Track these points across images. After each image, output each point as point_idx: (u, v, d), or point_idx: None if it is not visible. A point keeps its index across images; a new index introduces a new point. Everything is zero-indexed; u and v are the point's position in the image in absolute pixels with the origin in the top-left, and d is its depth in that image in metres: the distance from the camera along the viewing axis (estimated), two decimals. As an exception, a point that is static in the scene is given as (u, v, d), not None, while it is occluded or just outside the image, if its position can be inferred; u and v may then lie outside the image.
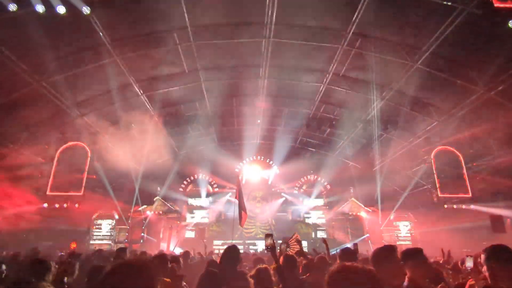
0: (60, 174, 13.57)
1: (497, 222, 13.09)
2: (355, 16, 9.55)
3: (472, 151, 13.45)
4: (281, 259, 3.98)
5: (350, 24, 9.99)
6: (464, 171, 13.51)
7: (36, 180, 13.65)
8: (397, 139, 15.83)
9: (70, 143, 13.85)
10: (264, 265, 3.58)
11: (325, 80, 13.18)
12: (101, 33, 9.68)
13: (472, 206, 14.70)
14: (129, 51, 10.78)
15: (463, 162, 13.62)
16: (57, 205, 13.80)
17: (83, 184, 13.63)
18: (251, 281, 3.10)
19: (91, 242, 16.78)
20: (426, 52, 10.21)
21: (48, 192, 13.26)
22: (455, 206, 14.90)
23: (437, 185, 14.02)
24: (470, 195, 13.42)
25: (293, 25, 10.50)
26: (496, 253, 2.44)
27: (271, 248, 3.06)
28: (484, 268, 2.46)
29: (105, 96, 12.76)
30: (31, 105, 11.22)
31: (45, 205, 13.59)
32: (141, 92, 13.11)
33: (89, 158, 13.93)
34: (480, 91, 10.75)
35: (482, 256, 2.52)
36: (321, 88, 13.78)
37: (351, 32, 10.26)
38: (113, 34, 10.07)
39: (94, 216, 17.46)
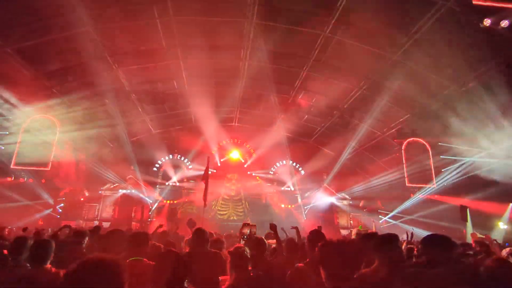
0: (27, 147, 12.91)
1: (463, 212, 13.90)
2: (339, 2, 9.50)
3: (440, 145, 14.06)
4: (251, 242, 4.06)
5: (334, 10, 9.94)
6: (431, 163, 14.13)
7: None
8: (372, 128, 16.27)
9: (38, 116, 13.14)
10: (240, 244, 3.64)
11: (305, 66, 13.18)
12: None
13: (436, 197, 15.64)
14: (105, 21, 10.20)
15: (431, 154, 14.23)
16: (24, 178, 13.24)
17: (51, 159, 13.05)
18: (226, 258, 3.17)
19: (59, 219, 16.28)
20: (405, 45, 10.39)
21: (12, 166, 12.62)
22: (420, 196, 15.82)
23: (406, 175, 14.62)
24: (435, 186, 14.12)
25: (277, 8, 10.31)
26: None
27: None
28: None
29: (77, 68, 12.10)
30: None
31: (9, 179, 12.97)
32: (116, 66, 12.54)
33: (58, 132, 13.28)
34: (452, 87, 11.16)
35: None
36: (301, 74, 13.78)
37: (334, 19, 10.23)
38: (89, 2, 9.46)
39: (62, 193, 16.88)
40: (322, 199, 19.72)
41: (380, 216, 19.20)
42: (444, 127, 13.25)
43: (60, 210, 16.45)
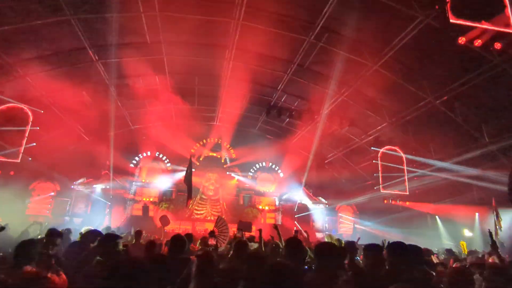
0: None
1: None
2: (325, 9, 9.68)
3: (414, 153, 14.59)
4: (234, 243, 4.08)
5: (319, 17, 10.13)
6: (405, 171, 14.64)
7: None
8: (350, 135, 16.67)
9: (9, 105, 12.52)
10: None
11: (289, 70, 13.33)
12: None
13: (408, 203, 16.26)
14: (86, 12, 9.90)
15: (405, 162, 14.73)
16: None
17: (21, 151, 12.48)
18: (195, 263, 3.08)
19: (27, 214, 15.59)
20: (386, 55, 10.73)
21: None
22: (392, 202, 16.43)
23: (380, 182, 15.06)
24: (407, 193, 14.63)
25: (264, 10, 10.37)
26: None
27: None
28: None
29: (55, 58, 11.65)
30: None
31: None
32: (96, 58, 12.19)
33: (30, 123, 12.71)
34: (428, 99, 11.63)
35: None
36: (284, 78, 13.92)
37: (319, 26, 10.42)
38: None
39: (31, 186, 16.19)
40: (299, 201, 19.95)
41: (355, 220, 19.69)
42: (419, 136, 13.81)
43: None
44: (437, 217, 16.36)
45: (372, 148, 15.42)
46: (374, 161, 15.38)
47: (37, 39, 10.55)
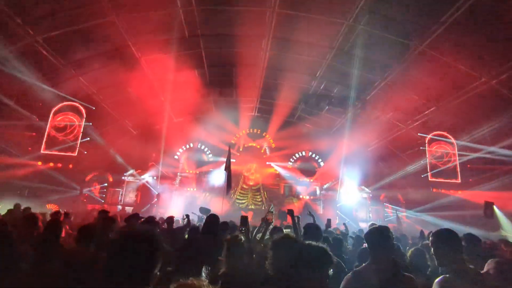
0: (55, 133, 13.51)
1: (488, 209, 13.40)
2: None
3: (466, 139, 13.53)
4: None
5: (358, -1, 9.66)
6: (457, 157, 13.66)
7: (30, 138, 13.61)
8: (395, 121, 15.85)
9: (65, 103, 13.67)
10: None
11: (328, 56, 12.92)
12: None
13: (460, 192, 15.15)
14: (128, 11, 10.38)
15: (456, 148, 13.74)
16: (51, 164, 13.88)
17: (78, 146, 13.62)
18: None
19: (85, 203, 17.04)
20: (433, 34, 9.96)
21: (42, 151, 13.25)
22: (442, 190, 15.37)
23: (428, 169, 14.23)
24: (459, 180, 13.67)
25: (299, -4, 10.12)
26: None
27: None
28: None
29: (102, 57, 12.42)
30: (25, 61, 10.90)
31: (39, 163, 13.63)
32: (139, 55, 12.79)
33: (83, 119, 13.80)
34: (482, 79, 10.65)
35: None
36: (323, 64, 13.54)
37: (358, 7, 9.93)
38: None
39: (87, 178, 17.60)
40: (341, 191, 19.53)
41: (400, 209, 18.85)
42: (472, 121, 12.74)
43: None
44: (494, 206, 15.06)
45: (419, 134, 14.56)
46: (421, 147, 14.54)
47: (86, 40, 11.29)
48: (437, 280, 2.42)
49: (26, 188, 14.05)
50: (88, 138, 14.48)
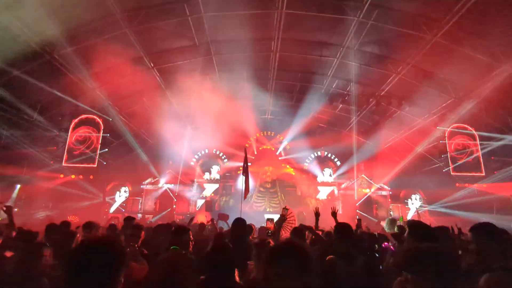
0: (75, 146, 13.90)
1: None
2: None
3: (488, 129, 13.09)
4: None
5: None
6: (479, 149, 13.21)
7: (52, 152, 14.06)
8: (411, 115, 15.50)
9: (83, 116, 14.06)
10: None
11: (338, 54, 12.80)
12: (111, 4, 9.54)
13: (484, 185, 14.59)
14: (139, 23, 10.62)
15: (478, 140, 13.29)
16: (72, 176, 14.27)
17: (97, 156, 13.96)
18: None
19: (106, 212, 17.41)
20: (446, 24, 9.71)
21: (63, 163, 13.64)
22: (466, 185, 14.82)
23: (450, 163, 13.81)
24: (483, 174, 13.20)
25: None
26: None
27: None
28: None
29: (117, 69, 12.73)
30: (44, 77, 11.29)
31: (61, 176, 14.04)
32: (152, 65, 13.03)
33: (101, 131, 14.15)
34: (502, 67, 10.29)
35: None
36: (334, 63, 13.42)
37: (367, 3, 9.81)
38: (123, 5, 9.90)
39: (108, 188, 17.98)
40: (359, 190, 19.21)
41: (422, 205, 18.35)
42: (493, 111, 12.31)
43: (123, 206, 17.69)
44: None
45: (438, 127, 14.17)
46: (441, 141, 14.14)
47: (101, 54, 11.57)
48: (485, 277, 2.15)
49: (50, 201, 14.53)
50: (107, 149, 14.83)
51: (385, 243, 5.02)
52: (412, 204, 18.75)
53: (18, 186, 13.76)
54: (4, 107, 11.48)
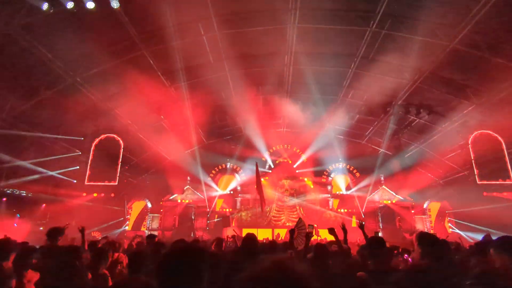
0: (96, 165, 14.26)
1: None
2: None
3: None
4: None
5: (379, 4, 9.53)
6: (506, 156, 12.65)
7: (74, 172, 14.48)
8: (431, 124, 15.11)
9: (103, 135, 14.47)
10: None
11: (353, 64, 12.75)
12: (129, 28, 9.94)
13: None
14: (156, 43, 10.97)
15: (504, 146, 12.75)
16: (95, 194, 14.60)
17: (117, 174, 14.25)
18: None
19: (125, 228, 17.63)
20: (463, 30, 9.53)
21: (86, 182, 13.99)
22: (494, 194, 14.09)
23: (475, 172, 13.27)
24: (512, 181, 12.60)
25: (318, 9, 10.18)
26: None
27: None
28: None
29: (135, 89, 13.09)
30: (66, 99, 11.73)
31: (84, 194, 14.38)
32: (169, 84, 13.36)
33: (121, 149, 14.50)
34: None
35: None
36: (349, 73, 13.36)
37: (380, 13, 9.79)
38: (140, 28, 10.28)
39: (128, 205, 18.26)
40: (381, 201, 18.69)
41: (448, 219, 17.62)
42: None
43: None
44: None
45: (460, 135, 13.72)
46: (464, 149, 13.65)
47: (117, 75, 11.92)
48: None
49: (74, 219, 14.82)
50: (127, 167, 15.15)
51: (405, 255, 4.94)
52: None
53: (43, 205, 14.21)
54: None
